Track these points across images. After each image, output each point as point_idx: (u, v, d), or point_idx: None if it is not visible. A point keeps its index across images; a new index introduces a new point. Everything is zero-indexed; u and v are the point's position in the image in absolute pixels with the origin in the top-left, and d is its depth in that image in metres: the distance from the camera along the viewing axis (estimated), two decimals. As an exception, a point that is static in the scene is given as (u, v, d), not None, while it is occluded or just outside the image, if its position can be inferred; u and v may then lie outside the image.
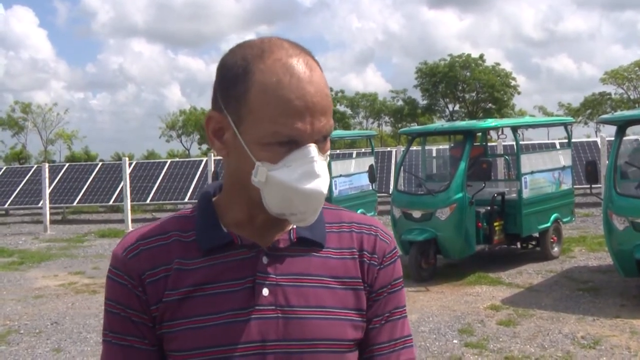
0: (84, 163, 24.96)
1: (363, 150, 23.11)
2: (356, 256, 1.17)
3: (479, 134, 10.62)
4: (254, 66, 1.03)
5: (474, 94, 63.24)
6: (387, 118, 70.52)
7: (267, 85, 1.02)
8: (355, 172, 12.87)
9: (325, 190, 1.05)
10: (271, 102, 1.01)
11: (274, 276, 1.11)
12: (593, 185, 8.22)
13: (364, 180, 12.22)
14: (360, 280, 1.16)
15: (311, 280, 1.13)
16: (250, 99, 1.03)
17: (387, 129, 71.45)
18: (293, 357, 1.09)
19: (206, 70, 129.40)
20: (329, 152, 1.09)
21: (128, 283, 1.12)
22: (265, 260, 1.12)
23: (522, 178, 9.26)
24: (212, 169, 15.90)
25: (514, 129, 10.15)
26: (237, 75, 1.05)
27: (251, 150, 1.05)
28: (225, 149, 1.10)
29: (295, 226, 1.15)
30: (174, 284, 1.10)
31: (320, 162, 1.04)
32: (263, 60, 1.03)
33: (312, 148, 1.03)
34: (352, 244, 1.18)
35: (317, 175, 1.03)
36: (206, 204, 1.17)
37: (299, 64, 1.04)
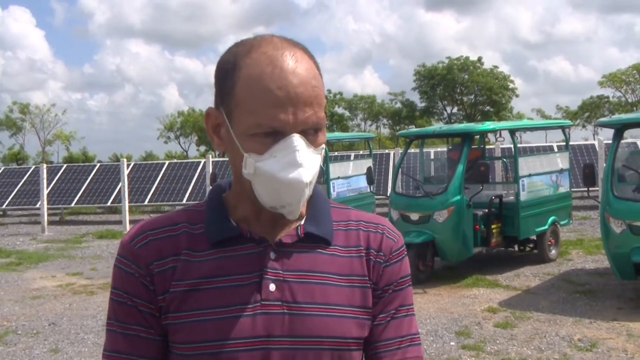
0: (82, 164, 24.93)
1: (361, 152, 23.08)
2: (363, 254, 1.18)
3: (477, 136, 10.64)
4: (242, 61, 1.06)
5: (472, 97, 63.32)
6: (385, 120, 70.57)
7: (251, 77, 1.04)
8: (353, 174, 12.88)
9: (306, 180, 1.04)
10: (254, 93, 1.04)
11: (281, 272, 1.12)
12: (590, 188, 8.24)
13: (362, 183, 12.23)
14: (367, 278, 1.17)
15: (318, 277, 1.13)
16: (237, 92, 1.06)
17: (385, 131, 71.49)
18: (298, 353, 1.09)
19: (204, 71, 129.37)
20: (323, 146, 1.10)
21: (135, 272, 1.12)
22: (272, 255, 1.12)
23: (520, 181, 9.27)
24: (210, 171, 15.87)
25: (512, 131, 10.17)
26: (227, 71, 1.08)
27: (239, 142, 1.07)
28: (222, 146, 1.13)
29: (302, 222, 1.16)
30: (181, 275, 1.11)
31: (303, 152, 1.04)
32: (250, 55, 1.06)
33: (296, 138, 1.03)
34: (359, 242, 1.19)
35: (299, 164, 1.03)
36: (216, 198, 1.19)
37: (284, 56, 1.05)
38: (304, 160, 1.04)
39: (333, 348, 1.11)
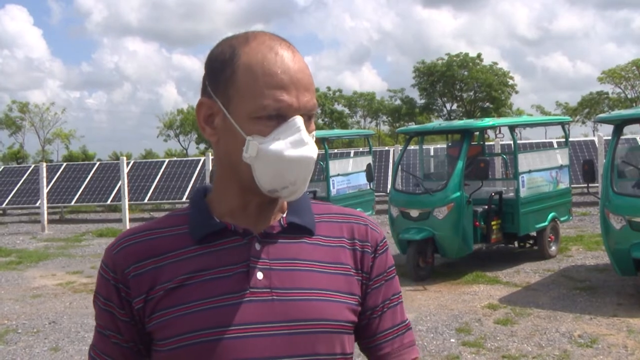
0: (82, 162, 24.92)
1: (361, 149, 23.09)
2: (346, 245, 1.21)
3: (477, 133, 10.64)
4: (240, 50, 1.10)
5: (471, 93, 63.20)
6: (384, 117, 70.46)
7: (252, 62, 1.08)
8: (353, 171, 12.88)
9: (314, 156, 1.08)
10: (258, 77, 1.07)
11: (267, 260, 1.14)
12: (590, 184, 8.23)
13: (362, 180, 12.23)
14: (350, 267, 1.19)
15: (303, 264, 1.15)
16: (238, 78, 1.09)
17: (384, 128, 71.42)
18: (290, 338, 1.11)
19: (201, 69, 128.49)
20: (314, 133, 1.13)
21: (111, 278, 1.15)
22: (257, 246, 1.14)
23: (520, 177, 9.27)
24: (210, 168, 15.88)
25: (512, 128, 10.17)
26: (224, 61, 1.11)
27: (241, 126, 1.09)
28: (215, 135, 1.14)
29: (285, 215, 1.19)
30: (169, 276, 1.12)
31: (305, 132, 1.08)
32: (248, 44, 1.11)
33: (298, 119, 1.08)
34: (342, 234, 1.22)
35: (305, 142, 1.07)
36: (199, 199, 1.21)
37: (281, 45, 1.11)
38: (308, 139, 1.08)
39: (324, 331, 1.13)
